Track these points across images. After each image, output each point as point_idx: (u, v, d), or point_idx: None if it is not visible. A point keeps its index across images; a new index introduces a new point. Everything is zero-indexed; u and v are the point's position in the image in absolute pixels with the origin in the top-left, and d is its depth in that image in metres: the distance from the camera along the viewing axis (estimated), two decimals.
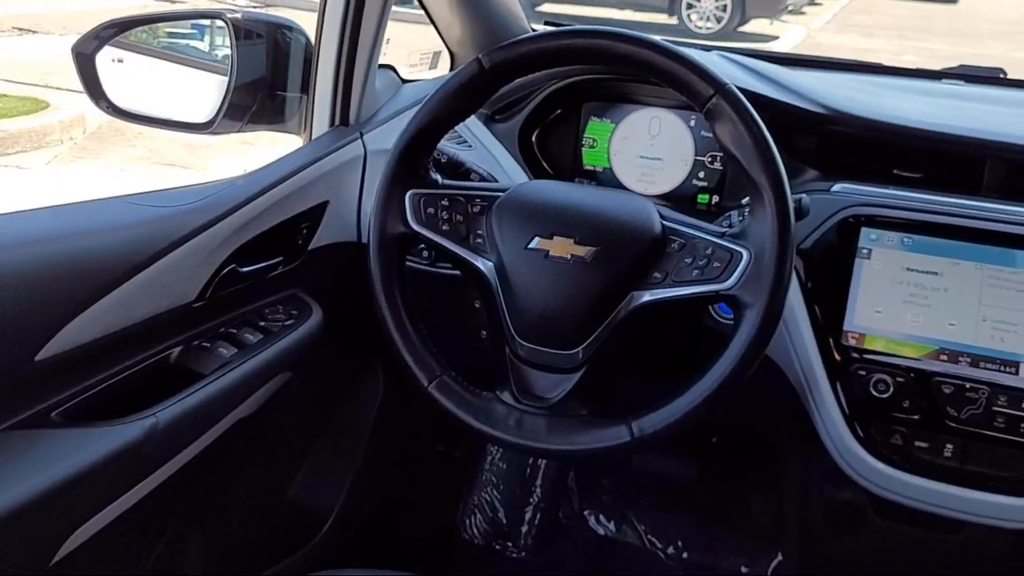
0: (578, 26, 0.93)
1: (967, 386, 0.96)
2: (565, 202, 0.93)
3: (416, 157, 0.95)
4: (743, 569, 1.59)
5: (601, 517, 1.71)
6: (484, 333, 1.17)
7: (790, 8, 9.84)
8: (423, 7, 1.34)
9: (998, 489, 0.94)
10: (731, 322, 0.87)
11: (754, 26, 9.26)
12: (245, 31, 1.22)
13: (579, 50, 0.91)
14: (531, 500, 1.69)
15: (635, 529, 1.68)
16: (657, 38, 0.90)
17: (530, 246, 0.90)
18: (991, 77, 1.40)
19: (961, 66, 1.43)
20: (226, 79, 1.17)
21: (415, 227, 0.94)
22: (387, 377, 1.40)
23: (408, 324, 0.94)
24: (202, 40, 1.33)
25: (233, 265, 1.04)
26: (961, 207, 1.05)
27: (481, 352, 1.07)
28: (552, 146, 1.30)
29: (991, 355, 0.97)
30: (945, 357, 0.99)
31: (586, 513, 1.71)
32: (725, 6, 9.20)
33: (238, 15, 1.21)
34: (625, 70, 1.03)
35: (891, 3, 10.18)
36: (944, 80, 1.39)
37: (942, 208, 1.05)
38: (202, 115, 1.19)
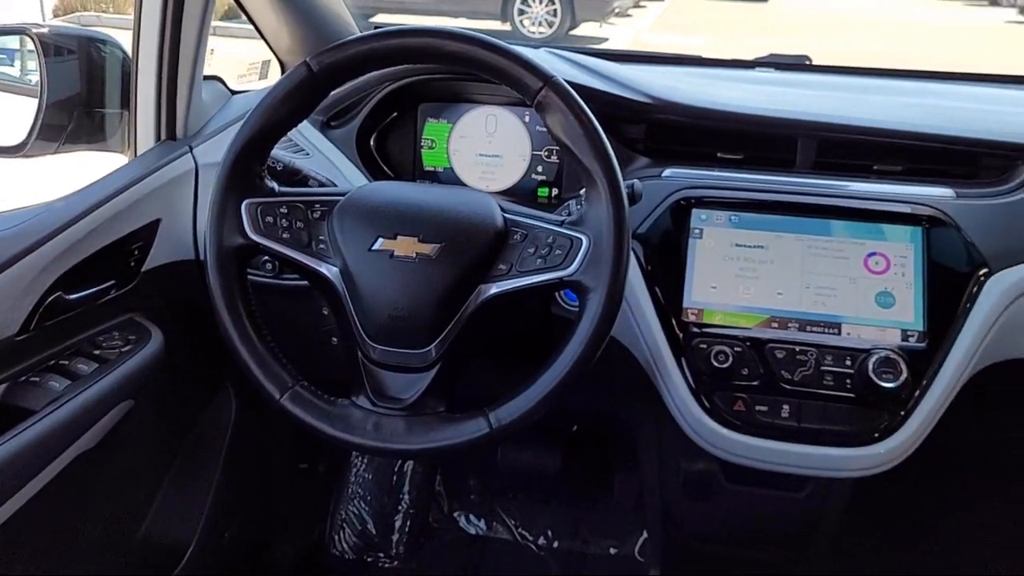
0: (406, 25, 0.93)
1: (797, 350, 1.03)
2: (407, 201, 0.93)
3: (249, 166, 0.93)
4: (612, 550, 1.64)
5: (471, 517, 1.71)
6: (335, 340, 1.16)
7: (617, 11, 10.21)
8: (249, 18, 1.30)
9: (832, 442, 1.01)
10: (577, 308, 0.90)
11: (585, 29, 9.53)
12: (55, 47, 1.15)
13: (408, 49, 0.91)
14: (400, 508, 1.67)
15: (505, 525, 1.70)
16: (485, 35, 0.91)
17: (374, 247, 0.90)
18: (798, 64, 1.51)
19: (771, 55, 1.53)
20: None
21: (254, 237, 0.91)
22: (239, 396, 1.36)
23: (255, 337, 0.91)
24: (11, 65, 1.26)
25: (59, 292, 0.98)
26: (779, 183, 1.12)
27: (334, 359, 1.06)
28: (391, 149, 1.30)
29: (816, 319, 1.05)
30: (776, 324, 1.05)
31: (456, 515, 1.72)
32: (555, 11, 9.45)
33: (44, 30, 1.14)
34: (456, 68, 1.04)
35: (709, 4, 10.74)
36: (757, 69, 1.49)
37: (762, 186, 1.12)
38: (14, 138, 1.12)
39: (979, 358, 1.03)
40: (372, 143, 1.28)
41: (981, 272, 1.04)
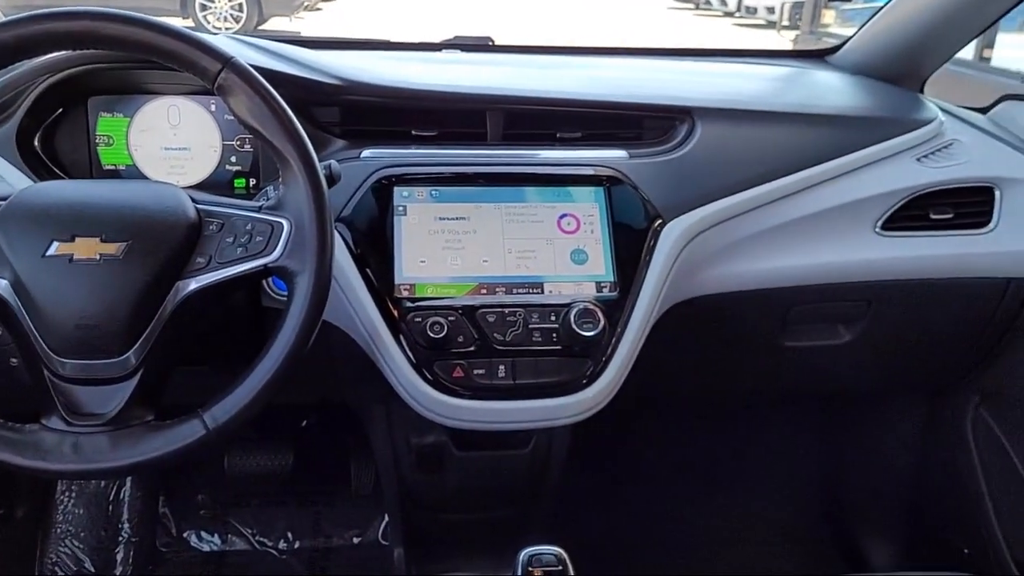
0: (53, 8, 0.84)
1: (506, 312, 1.08)
2: (83, 200, 0.85)
3: None
4: (355, 540, 1.63)
5: (203, 533, 1.62)
6: (15, 361, 1.04)
7: (306, 5, 10.03)
8: None
9: (547, 394, 1.07)
10: (287, 296, 0.87)
11: (274, 24, 9.28)
12: None
13: (60, 35, 0.82)
14: (120, 538, 1.54)
15: (242, 535, 1.63)
16: (152, 17, 0.85)
17: (48, 253, 0.81)
18: (482, 45, 1.58)
19: (456, 37, 1.58)
20: None
21: None
22: None
23: None
24: None
25: None
26: (473, 157, 1.17)
27: (17, 383, 0.95)
28: (62, 148, 1.18)
29: (520, 281, 1.10)
30: (485, 291, 1.09)
31: (186, 534, 1.62)
32: (241, 5, 9.10)
33: None
34: (124, 55, 0.96)
35: None
36: (444, 50, 1.53)
37: (458, 160, 1.16)
38: None
39: (663, 301, 1.14)
40: (37, 143, 1.15)
41: (657, 223, 1.15)
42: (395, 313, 1.07)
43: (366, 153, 1.16)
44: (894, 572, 1.09)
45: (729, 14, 14.59)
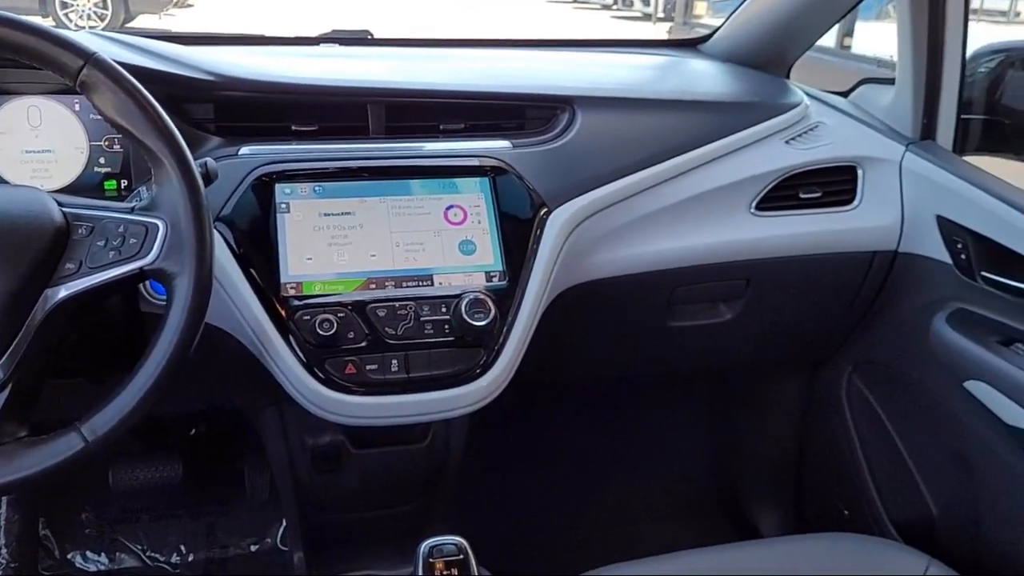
0: None
1: (397, 306, 1.07)
2: None
3: None
4: (252, 547, 1.59)
5: (89, 554, 1.55)
6: None
7: (176, 1, 9.67)
8: None
9: (441, 386, 1.07)
10: (166, 299, 0.84)
11: (142, 21, 8.91)
12: None
13: None
14: None
15: (131, 552, 1.56)
16: (3, 11, 0.81)
17: None
18: (360, 39, 1.56)
19: (334, 31, 1.56)
20: None
21: None
22: None
23: None
24: None
25: None
26: (356, 151, 1.16)
27: None
28: None
29: (410, 274, 1.10)
30: (374, 285, 1.08)
31: (71, 556, 1.54)
32: (105, 2, 8.70)
33: None
34: None
35: None
36: (322, 44, 1.51)
37: (341, 154, 1.14)
38: None
39: (551, 287, 1.16)
40: None
41: (542, 212, 1.17)
42: (282, 312, 1.05)
43: (244, 150, 1.13)
44: (779, 538, 1.15)
45: (607, 7, 14.93)
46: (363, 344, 1.05)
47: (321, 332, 1.03)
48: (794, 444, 1.77)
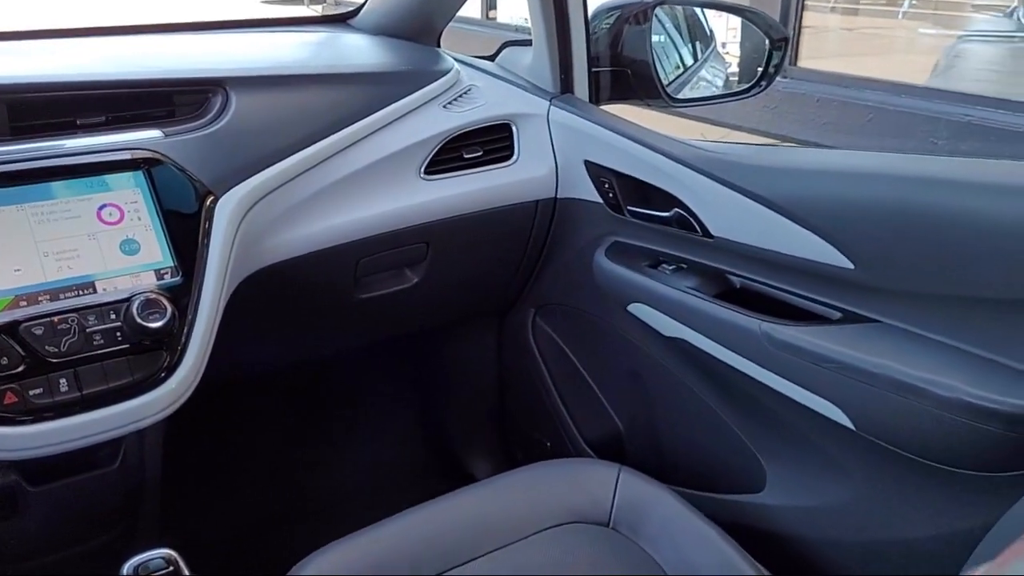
0: None
1: (56, 320, 0.98)
2: None
3: None
4: None
5: None
6: None
7: None
8: None
9: (122, 398, 0.99)
10: None
11: None
12: None
13: None
14: None
15: None
16: None
17: None
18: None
19: None
20: None
21: None
22: None
23: None
24: None
25: None
26: None
27: None
28: None
29: (66, 285, 1.00)
30: (25, 303, 0.98)
31: None
32: None
33: None
34: None
35: None
36: None
37: None
38: None
39: (231, 276, 1.12)
40: None
41: (209, 200, 1.12)
42: None
43: None
44: (484, 480, 1.22)
45: None
46: (21, 368, 0.95)
47: None
48: (495, 391, 1.88)
